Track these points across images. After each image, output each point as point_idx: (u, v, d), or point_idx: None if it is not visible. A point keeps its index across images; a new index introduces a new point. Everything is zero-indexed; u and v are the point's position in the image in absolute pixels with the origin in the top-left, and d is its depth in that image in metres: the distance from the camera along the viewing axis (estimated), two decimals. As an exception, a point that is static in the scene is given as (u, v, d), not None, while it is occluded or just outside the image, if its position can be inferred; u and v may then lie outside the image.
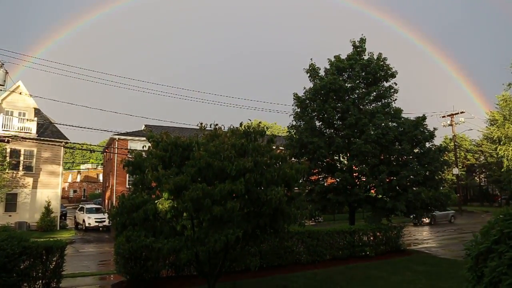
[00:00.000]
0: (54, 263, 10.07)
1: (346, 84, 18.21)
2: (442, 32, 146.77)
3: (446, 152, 21.68)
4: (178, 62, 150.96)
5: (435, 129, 17.97)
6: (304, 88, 18.72)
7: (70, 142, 31.87)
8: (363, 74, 18.39)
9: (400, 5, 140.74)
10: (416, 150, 17.73)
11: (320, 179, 18.93)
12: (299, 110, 18.56)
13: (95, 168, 74.68)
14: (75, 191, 71.41)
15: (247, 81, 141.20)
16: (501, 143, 36.47)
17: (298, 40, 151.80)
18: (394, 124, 17.65)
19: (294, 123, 18.77)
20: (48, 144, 28.34)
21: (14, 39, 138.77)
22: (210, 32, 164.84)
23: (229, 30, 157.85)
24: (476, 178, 54.57)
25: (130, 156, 9.52)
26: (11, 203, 27.02)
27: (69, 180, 72.88)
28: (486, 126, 44.74)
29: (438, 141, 21.64)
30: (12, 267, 8.99)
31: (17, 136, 25.88)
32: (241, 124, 9.35)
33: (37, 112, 29.71)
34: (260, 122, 9.44)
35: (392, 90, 18.49)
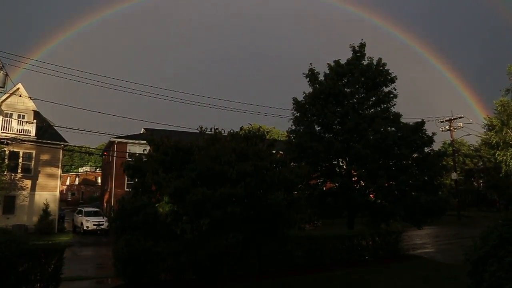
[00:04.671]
0: (52, 266, 9.99)
1: (346, 89, 18.28)
2: (440, 38, 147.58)
3: (444, 157, 21.74)
4: (176, 66, 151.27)
5: (433, 134, 18.03)
6: (304, 92, 18.77)
7: (69, 145, 31.81)
8: (363, 79, 18.45)
9: (399, 10, 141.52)
10: (415, 155, 17.77)
11: (319, 183, 18.93)
12: (298, 114, 18.60)
13: (94, 171, 74.45)
14: (73, 194, 71.11)
15: (246, 85, 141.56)
16: (499, 148, 36.56)
17: (297, 44, 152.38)
18: (393, 129, 17.70)
19: (293, 127, 18.81)
20: (47, 146, 28.27)
21: (15, 40, 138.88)
22: (209, 37, 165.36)
23: (228, 34, 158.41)
24: (474, 183, 54.60)
25: (130, 159, 9.56)
26: (9, 206, 26.89)
27: (68, 182, 72.60)
28: (485, 131, 44.84)
29: (436, 146, 21.65)
30: (10, 270, 8.96)
31: (16, 139, 25.82)
32: (241, 128, 9.40)
33: (37, 114, 29.65)
34: (260, 127, 9.47)
35: (391, 95, 18.55)
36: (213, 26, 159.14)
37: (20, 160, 27.84)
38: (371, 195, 17.99)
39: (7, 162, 26.41)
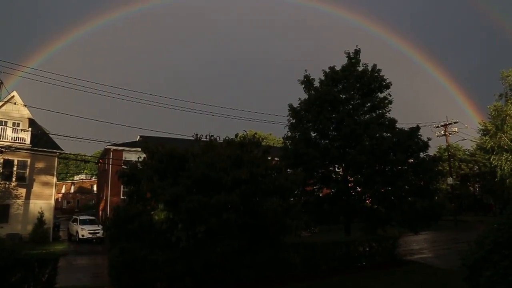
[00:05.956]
0: (46, 275, 9.91)
1: (341, 95, 18.36)
2: (435, 43, 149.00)
3: (440, 162, 21.82)
4: (172, 73, 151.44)
5: (429, 139, 18.09)
6: (299, 99, 18.84)
7: (64, 153, 31.64)
8: (358, 85, 18.56)
9: (393, 16, 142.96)
10: (410, 160, 17.81)
11: (316, 189, 18.92)
12: (294, 121, 18.64)
13: (89, 179, 74.01)
14: (68, 202, 70.59)
15: (242, 92, 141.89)
16: (494, 153, 36.72)
17: (293, 51, 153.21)
18: (388, 134, 17.75)
19: (289, 134, 18.83)
20: (42, 154, 28.08)
21: (11, 48, 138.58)
22: (206, 43, 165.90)
23: (224, 41, 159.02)
24: (470, 187, 54.76)
25: (125, 167, 9.52)
26: (3, 215, 26.59)
27: (63, 191, 72.10)
28: (479, 136, 45.11)
29: (432, 151, 21.73)
30: (3, 280, 8.86)
31: (11, 147, 25.66)
32: (236, 135, 9.41)
33: (32, 122, 29.51)
34: (255, 133, 9.48)
35: (387, 101, 18.64)
36: (211, 31, 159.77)
37: (15, 168, 27.61)
38: (367, 201, 17.99)
39: (1, 171, 26.20)
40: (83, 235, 27.79)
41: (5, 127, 27.32)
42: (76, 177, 77.09)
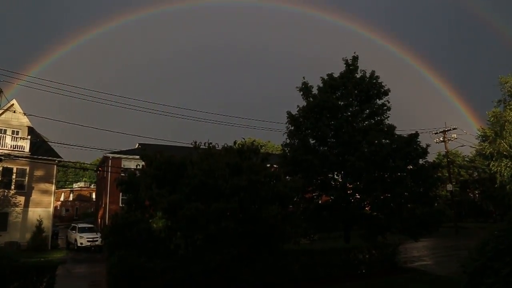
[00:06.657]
0: (44, 284, 9.85)
1: (339, 102, 18.39)
2: (434, 50, 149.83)
3: (439, 169, 21.80)
4: (171, 81, 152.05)
5: (428, 145, 18.08)
6: (298, 106, 18.87)
7: (63, 161, 31.60)
8: (356, 92, 18.60)
9: (392, 24, 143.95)
10: (410, 167, 17.79)
11: (315, 196, 18.86)
12: (292, 128, 18.64)
13: (88, 187, 73.87)
14: (67, 210, 70.31)
15: (240, 99, 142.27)
16: (494, 159, 36.72)
17: (291, 57, 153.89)
18: (387, 141, 17.75)
19: (288, 141, 18.82)
20: (41, 162, 28.05)
21: (11, 56, 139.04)
22: (205, 51, 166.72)
23: (222, 47, 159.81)
24: (470, 194, 54.65)
25: (124, 174, 9.51)
26: (1, 223, 26.48)
27: (62, 198, 71.85)
28: (479, 142, 45.12)
29: (431, 157, 21.74)
30: (1, 289, 8.80)
31: (10, 155, 25.63)
32: (235, 143, 9.41)
33: (31, 130, 29.54)
34: (254, 141, 9.49)
35: (385, 108, 18.68)
36: (206, 43, 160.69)
37: (14, 176, 27.57)
38: (367, 208, 17.93)
39: (0, 179, 26.15)
40: (81, 243, 27.64)
41: (4, 135, 27.34)
42: (75, 185, 76.89)
